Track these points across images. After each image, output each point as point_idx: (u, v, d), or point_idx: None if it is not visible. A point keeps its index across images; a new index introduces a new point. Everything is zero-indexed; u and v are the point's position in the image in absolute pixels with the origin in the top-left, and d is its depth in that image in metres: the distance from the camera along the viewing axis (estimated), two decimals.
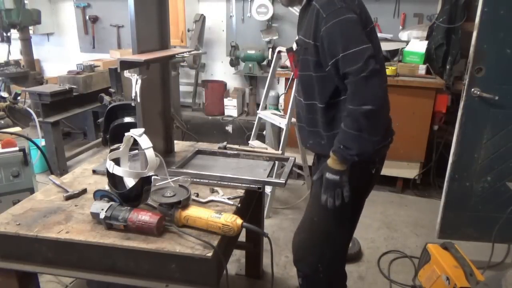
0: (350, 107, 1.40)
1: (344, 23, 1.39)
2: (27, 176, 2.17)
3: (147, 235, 1.32)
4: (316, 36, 1.44)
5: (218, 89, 4.50)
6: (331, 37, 1.40)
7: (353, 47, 1.36)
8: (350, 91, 1.40)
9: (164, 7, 1.78)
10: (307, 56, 1.52)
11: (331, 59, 1.42)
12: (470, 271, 2.00)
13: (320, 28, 1.41)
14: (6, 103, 3.25)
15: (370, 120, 1.38)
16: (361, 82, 1.36)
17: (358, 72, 1.35)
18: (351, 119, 1.40)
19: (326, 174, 1.49)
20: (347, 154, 1.43)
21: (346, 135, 1.42)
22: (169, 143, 2.02)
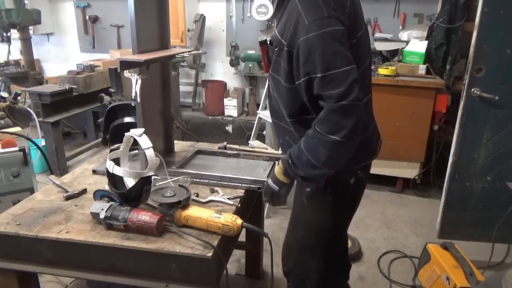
0: (316, 129, 1.22)
1: (328, 38, 1.17)
2: (27, 176, 2.17)
3: (147, 235, 1.32)
4: (292, 42, 1.23)
5: (218, 89, 4.50)
6: (311, 51, 1.18)
7: (335, 67, 1.16)
8: (322, 113, 1.21)
9: (164, 7, 1.78)
10: (280, 59, 1.31)
11: (304, 76, 1.21)
12: (470, 271, 2.00)
13: (299, 35, 1.19)
14: (6, 103, 3.26)
15: (333, 152, 1.21)
16: (338, 110, 1.17)
17: (339, 98, 1.16)
18: (312, 143, 1.23)
19: (268, 180, 1.41)
20: (292, 172, 1.30)
21: (301, 153, 1.26)
22: (169, 143, 2.02)
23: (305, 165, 1.26)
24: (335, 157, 1.23)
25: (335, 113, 1.18)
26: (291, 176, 1.33)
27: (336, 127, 1.18)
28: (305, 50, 1.18)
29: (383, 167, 3.40)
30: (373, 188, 3.57)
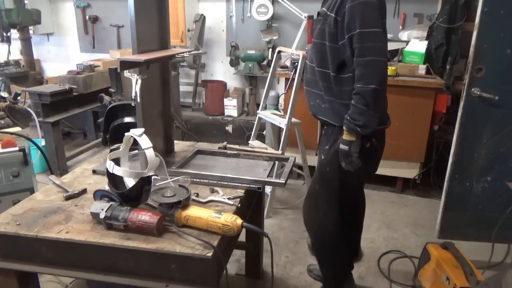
0: (358, 85, 1.64)
1: (367, 5, 1.60)
2: (27, 176, 2.17)
3: (147, 235, 1.32)
4: (339, 11, 1.65)
5: (218, 89, 4.50)
6: (353, 14, 1.60)
7: (369, 27, 1.60)
8: (358, 70, 1.63)
9: (164, 7, 1.78)
10: (325, 26, 1.73)
11: (348, 33, 1.63)
12: (470, 271, 2.00)
13: (345, 5, 1.62)
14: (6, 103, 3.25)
15: (373, 97, 1.62)
16: (370, 64, 1.61)
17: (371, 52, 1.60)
18: (359, 96, 1.64)
19: (340, 145, 1.75)
20: (353, 125, 1.67)
21: (355, 109, 1.66)
22: (169, 143, 2.02)
23: (361, 115, 1.65)
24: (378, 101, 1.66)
25: (367, 67, 1.61)
26: (353, 130, 1.68)
27: (371, 79, 1.61)
28: (349, 13, 1.61)
29: (383, 167, 3.37)
30: (373, 188, 3.57)
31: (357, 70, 1.64)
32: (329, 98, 1.81)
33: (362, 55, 1.61)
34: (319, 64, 1.81)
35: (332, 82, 1.78)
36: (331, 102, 1.81)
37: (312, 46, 1.86)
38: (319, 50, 1.79)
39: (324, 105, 1.84)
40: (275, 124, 3.23)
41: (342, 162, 1.77)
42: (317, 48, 1.81)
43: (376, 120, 1.68)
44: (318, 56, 1.81)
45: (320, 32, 1.77)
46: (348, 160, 1.75)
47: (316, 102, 1.88)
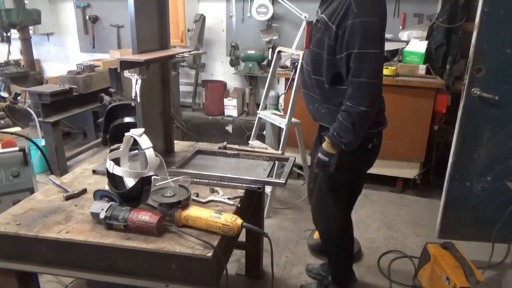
0: (348, 104, 1.65)
1: (368, 25, 1.59)
2: (27, 176, 2.17)
3: (147, 235, 1.32)
4: (340, 24, 1.62)
5: (218, 89, 4.50)
6: (354, 32, 1.58)
7: (368, 48, 1.59)
8: (351, 89, 1.64)
9: (164, 7, 1.78)
10: (324, 37, 1.70)
11: (346, 50, 1.62)
12: (470, 271, 2.00)
13: (347, 20, 1.59)
14: (6, 103, 3.25)
15: (360, 119, 1.64)
16: (362, 85, 1.62)
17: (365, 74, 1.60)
18: (347, 114, 1.66)
19: (319, 154, 1.79)
20: (338, 141, 1.70)
21: (341, 125, 1.68)
22: (169, 143, 2.02)
23: (346, 132, 1.67)
24: (365, 123, 1.67)
25: (359, 87, 1.62)
26: (337, 145, 1.72)
27: (361, 100, 1.62)
28: (350, 30, 1.59)
29: (383, 167, 3.40)
30: (373, 188, 3.57)
31: (349, 88, 1.65)
32: (327, 105, 1.82)
33: (357, 76, 1.61)
34: (314, 71, 1.81)
35: (329, 92, 1.78)
36: (329, 109, 1.82)
37: (309, 52, 1.84)
38: (316, 59, 1.78)
39: (323, 110, 1.85)
40: (275, 124, 3.23)
41: (316, 169, 1.83)
42: (313, 56, 1.80)
43: (360, 140, 1.71)
44: (314, 64, 1.81)
45: (319, 41, 1.74)
46: (324, 169, 1.80)
47: (315, 106, 1.89)
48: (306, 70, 1.89)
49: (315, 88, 1.83)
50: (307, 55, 1.89)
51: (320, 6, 1.82)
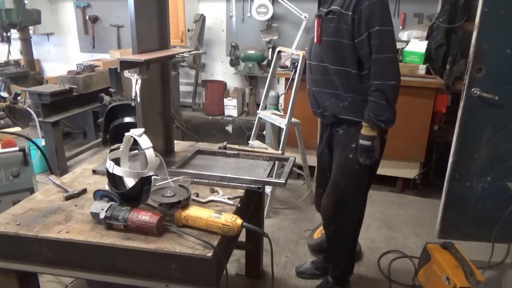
0: (377, 82, 1.72)
1: (384, 4, 1.71)
2: (27, 176, 2.17)
3: (147, 235, 1.32)
4: (355, 8, 1.70)
5: (218, 89, 4.50)
6: (373, 11, 1.68)
7: (387, 25, 1.69)
8: (377, 67, 1.72)
9: (164, 7, 1.78)
10: (341, 25, 1.75)
11: (366, 31, 1.70)
12: (470, 271, 2.00)
13: (362, 3, 1.68)
14: (6, 103, 3.25)
15: (394, 93, 1.74)
16: (387, 60, 1.71)
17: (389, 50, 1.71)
18: (379, 92, 1.72)
19: (360, 141, 1.81)
20: (377, 120, 1.75)
21: (377, 105, 1.74)
22: (169, 143, 2.02)
23: (383, 110, 1.74)
24: (396, 96, 1.76)
25: (388, 63, 1.71)
26: (377, 126, 1.76)
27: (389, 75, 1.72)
28: (368, 11, 1.68)
29: (383, 167, 3.37)
30: (373, 188, 3.51)
31: (375, 67, 1.72)
32: (349, 95, 1.83)
33: (381, 52, 1.69)
34: (335, 62, 1.82)
35: (354, 79, 1.80)
36: (353, 99, 1.83)
37: (324, 45, 1.84)
38: (335, 48, 1.80)
39: (343, 103, 1.86)
40: (275, 124, 3.23)
41: (361, 158, 1.83)
42: (331, 46, 1.81)
43: (395, 114, 1.79)
44: (333, 54, 1.82)
45: (336, 30, 1.77)
46: (369, 155, 1.82)
47: (332, 102, 1.89)
48: (319, 66, 1.89)
49: (335, 80, 1.84)
50: (319, 50, 1.88)
51: (324, 2, 1.87)
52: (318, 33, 1.85)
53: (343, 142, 1.93)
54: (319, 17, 1.83)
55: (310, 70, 1.98)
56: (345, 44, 1.76)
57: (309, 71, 1.98)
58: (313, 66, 1.93)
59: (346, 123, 1.90)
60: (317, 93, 1.94)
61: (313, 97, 1.98)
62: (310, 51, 1.97)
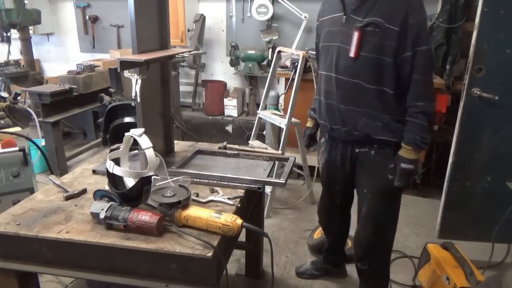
0: (421, 104, 1.65)
1: (426, 21, 1.67)
2: (27, 176, 2.17)
3: (147, 235, 1.32)
4: (402, 24, 1.58)
5: (218, 89, 4.50)
6: (421, 29, 1.61)
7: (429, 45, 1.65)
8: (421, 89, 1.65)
9: (164, 7, 1.78)
10: (383, 40, 1.62)
11: (412, 49, 1.60)
12: (470, 271, 2.00)
13: (409, 17, 1.58)
14: (6, 103, 3.25)
15: (433, 115, 1.71)
16: (430, 82, 1.68)
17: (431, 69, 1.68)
18: (423, 115, 1.65)
19: (402, 164, 1.71)
20: (421, 143, 1.67)
21: (421, 127, 1.66)
22: (169, 143, 2.02)
23: (427, 132, 1.68)
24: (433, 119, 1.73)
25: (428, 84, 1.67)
26: (422, 148, 1.69)
27: (431, 96, 1.69)
28: (417, 28, 1.59)
29: None
30: None
31: (419, 88, 1.64)
32: (384, 116, 1.72)
33: (426, 73, 1.63)
34: (372, 81, 1.68)
35: (389, 99, 1.69)
36: (387, 119, 1.72)
37: (362, 61, 1.67)
38: (374, 65, 1.66)
39: (375, 123, 1.73)
40: (275, 124, 3.23)
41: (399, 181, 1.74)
42: (371, 63, 1.66)
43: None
44: (371, 72, 1.67)
45: (377, 46, 1.63)
46: (410, 178, 1.76)
47: (364, 121, 1.74)
48: (350, 82, 1.72)
49: (370, 99, 1.71)
50: (353, 65, 1.70)
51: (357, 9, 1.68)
52: (357, 47, 1.66)
53: (378, 163, 1.80)
54: (360, 29, 1.64)
55: (337, 84, 1.76)
56: (386, 62, 1.64)
57: (336, 85, 1.76)
58: (343, 81, 1.74)
59: (378, 144, 1.77)
60: (346, 111, 1.76)
61: (339, 114, 1.79)
62: (335, 63, 1.75)
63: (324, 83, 1.83)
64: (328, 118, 1.85)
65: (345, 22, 1.71)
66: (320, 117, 1.93)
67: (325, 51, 1.82)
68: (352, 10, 1.69)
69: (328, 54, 1.79)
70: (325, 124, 1.89)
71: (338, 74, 1.74)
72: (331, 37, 1.78)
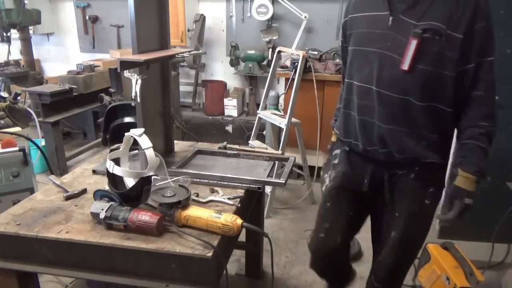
0: (485, 124, 1.41)
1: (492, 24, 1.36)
2: (27, 176, 2.17)
3: (147, 235, 1.32)
4: (467, 29, 1.30)
5: (218, 89, 4.50)
6: (490, 37, 1.36)
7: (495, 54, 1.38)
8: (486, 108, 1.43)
9: (164, 7, 1.78)
10: (445, 50, 1.32)
11: (476, 59, 1.35)
12: (470, 271, 2.00)
13: (475, 23, 1.30)
14: (6, 103, 3.25)
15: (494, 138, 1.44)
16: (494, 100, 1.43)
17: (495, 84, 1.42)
18: (486, 137, 1.41)
19: (465, 200, 1.47)
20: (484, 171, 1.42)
21: (485, 153, 1.41)
22: (169, 143, 2.02)
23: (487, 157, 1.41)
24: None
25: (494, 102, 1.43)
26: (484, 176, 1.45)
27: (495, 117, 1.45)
28: (486, 35, 1.33)
29: None
30: None
31: (484, 106, 1.42)
32: (434, 135, 1.44)
33: (492, 89, 1.42)
34: (425, 97, 1.37)
35: (442, 118, 1.42)
36: (436, 140, 1.46)
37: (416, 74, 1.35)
38: (432, 80, 1.36)
39: (422, 143, 1.45)
40: (275, 124, 3.23)
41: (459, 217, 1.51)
42: (426, 78, 1.35)
43: None
44: (426, 87, 1.36)
45: (438, 57, 1.33)
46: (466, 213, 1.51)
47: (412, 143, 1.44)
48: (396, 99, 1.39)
49: (420, 118, 1.41)
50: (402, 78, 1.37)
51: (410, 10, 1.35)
52: (413, 58, 1.33)
53: (416, 187, 1.53)
54: (419, 36, 1.31)
55: (379, 100, 1.43)
56: (446, 76, 1.35)
57: (378, 101, 1.43)
58: (387, 97, 1.41)
59: (421, 166, 1.49)
60: (389, 131, 1.44)
61: (378, 134, 1.47)
62: (377, 74, 1.42)
63: (358, 96, 1.50)
64: (362, 138, 1.52)
65: (391, 24, 1.37)
66: (347, 135, 1.59)
67: (361, 57, 1.48)
68: (402, 10, 1.36)
69: (365, 62, 1.46)
70: (355, 144, 1.55)
71: (381, 88, 1.41)
72: (370, 41, 1.43)
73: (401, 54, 1.35)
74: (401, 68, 1.35)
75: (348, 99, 1.56)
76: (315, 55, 3.56)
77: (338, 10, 4.04)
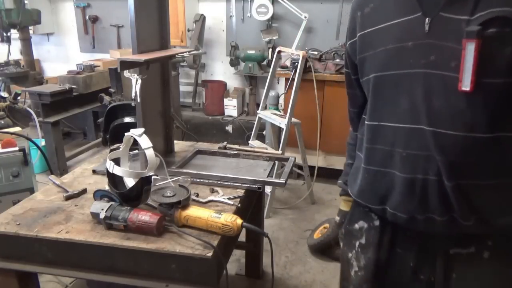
0: None
1: None
2: (27, 176, 2.17)
3: (147, 235, 1.32)
4: None
5: (218, 89, 4.50)
6: None
7: None
8: None
9: (164, 7, 1.78)
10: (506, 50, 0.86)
11: None
12: None
13: None
14: (6, 103, 3.25)
15: None
16: None
17: None
18: None
19: None
20: None
21: None
22: (169, 143, 2.02)
23: None
24: None
25: None
26: None
27: None
28: None
29: None
30: None
31: None
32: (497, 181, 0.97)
33: None
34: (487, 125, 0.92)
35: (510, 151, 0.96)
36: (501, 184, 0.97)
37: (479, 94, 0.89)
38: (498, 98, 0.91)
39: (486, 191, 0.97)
40: (275, 124, 3.23)
41: None
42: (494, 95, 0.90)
43: None
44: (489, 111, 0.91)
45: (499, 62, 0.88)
46: None
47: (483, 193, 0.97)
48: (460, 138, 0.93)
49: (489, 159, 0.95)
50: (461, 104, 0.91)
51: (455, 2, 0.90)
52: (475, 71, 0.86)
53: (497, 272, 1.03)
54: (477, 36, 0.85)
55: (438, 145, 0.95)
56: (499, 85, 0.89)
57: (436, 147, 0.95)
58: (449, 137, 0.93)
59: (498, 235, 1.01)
60: (458, 189, 0.95)
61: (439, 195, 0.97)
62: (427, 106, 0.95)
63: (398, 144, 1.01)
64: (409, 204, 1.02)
65: (430, 29, 0.93)
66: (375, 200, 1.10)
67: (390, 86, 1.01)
68: (441, 5, 0.91)
69: (400, 91, 0.99)
70: (392, 213, 1.06)
71: (438, 126, 0.94)
72: (402, 60, 0.98)
73: (455, 69, 0.90)
74: (461, 89, 0.89)
75: (373, 151, 1.09)
76: (315, 55, 3.56)
77: (338, 10, 4.04)
